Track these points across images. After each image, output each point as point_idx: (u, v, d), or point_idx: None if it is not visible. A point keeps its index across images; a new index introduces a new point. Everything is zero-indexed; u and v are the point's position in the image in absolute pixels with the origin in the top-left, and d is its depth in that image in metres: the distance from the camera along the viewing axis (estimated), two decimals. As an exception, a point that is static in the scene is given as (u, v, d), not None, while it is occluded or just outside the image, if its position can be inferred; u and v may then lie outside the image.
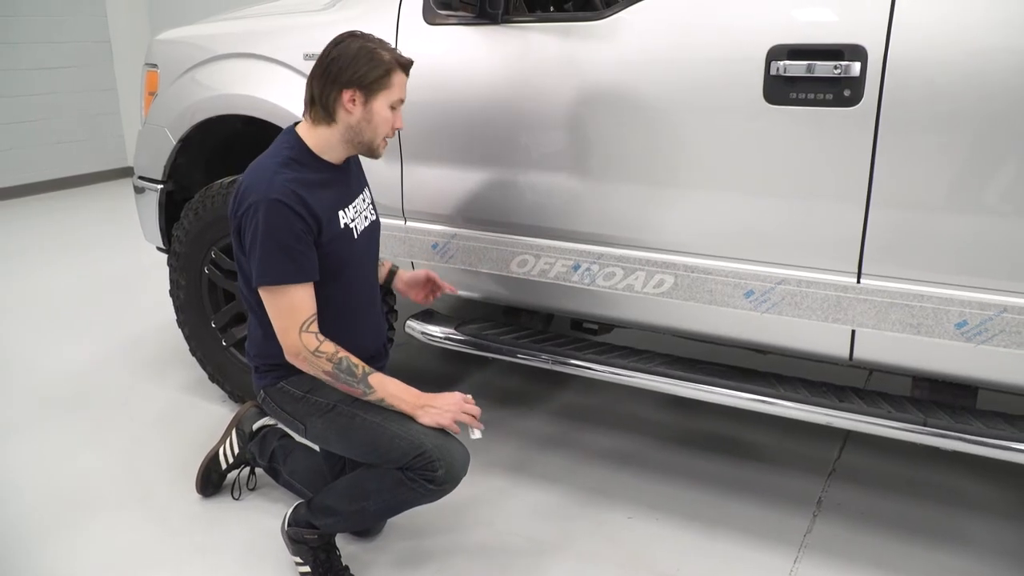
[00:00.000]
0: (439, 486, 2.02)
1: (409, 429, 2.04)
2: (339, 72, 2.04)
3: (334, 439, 2.13)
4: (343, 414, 2.09)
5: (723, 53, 2.07)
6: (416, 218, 2.66)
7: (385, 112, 2.09)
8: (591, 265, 2.38)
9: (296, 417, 2.16)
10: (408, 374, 3.53)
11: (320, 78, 2.06)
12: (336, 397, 2.10)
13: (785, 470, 2.77)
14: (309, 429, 2.15)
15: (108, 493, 2.65)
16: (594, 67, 2.25)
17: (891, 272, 1.99)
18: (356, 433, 2.07)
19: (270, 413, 2.25)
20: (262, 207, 1.94)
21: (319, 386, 2.11)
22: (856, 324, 2.06)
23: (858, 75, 1.90)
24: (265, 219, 1.94)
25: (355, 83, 2.04)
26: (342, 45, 2.06)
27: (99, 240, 5.77)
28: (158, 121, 3.17)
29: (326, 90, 2.05)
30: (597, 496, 2.63)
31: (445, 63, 2.47)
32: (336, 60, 2.04)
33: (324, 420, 2.11)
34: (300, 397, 2.13)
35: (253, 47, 2.86)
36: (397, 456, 2.01)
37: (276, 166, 2.02)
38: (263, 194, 1.95)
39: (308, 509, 2.21)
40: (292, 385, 2.14)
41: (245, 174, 2.05)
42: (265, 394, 2.21)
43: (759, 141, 2.06)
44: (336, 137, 2.11)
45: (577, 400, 3.30)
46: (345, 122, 2.08)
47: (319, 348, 2.02)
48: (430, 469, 1.99)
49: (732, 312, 2.21)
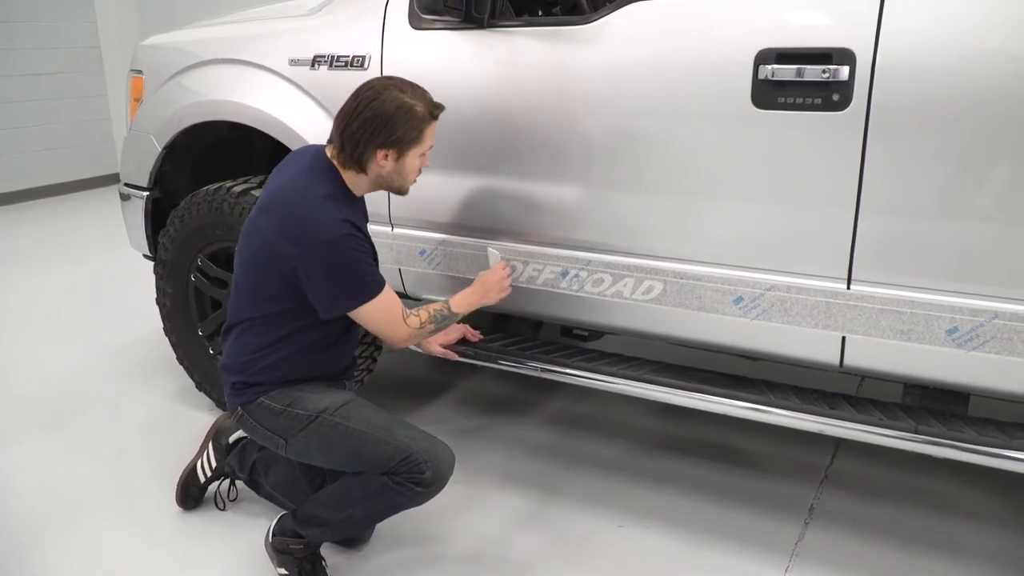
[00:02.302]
0: (427, 488, 2.03)
1: (393, 434, 2.05)
2: (375, 133, 2.05)
3: (317, 451, 2.11)
4: (325, 424, 2.07)
5: (711, 57, 2.05)
6: (403, 224, 2.63)
7: (416, 162, 2.16)
8: (579, 271, 2.35)
9: (276, 432, 2.13)
10: (398, 381, 3.55)
11: (354, 136, 2.06)
12: (317, 408, 2.09)
13: (777, 477, 2.75)
14: (290, 444, 2.12)
15: (93, 504, 2.61)
16: (581, 72, 2.23)
17: (881, 278, 1.97)
18: (340, 442, 2.06)
19: (247, 431, 2.23)
20: (338, 243, 1.99)
21: (299, 399, 2.10)
22: (846, 330, 2.04)
23: (846, 79, 1.89)
24: (344, 252, 2.00)
25: (391, 144, 2.08)
26: (378, 103, 2.04)
27: (88, 247, 5.73)
28: (143, 128, 3.14)
29: (360, 148, 2.08)
30: (587, 504, 2.60)
31: (431, 69, 2.44)
32: (372, 120, 2.05)
33: (306, 433, 2.09)
34: (280, 411, 2.11)
35: (238, 53, 2.83)
36: (383, 462, 2.01)
37: (324, 198, 2.04)
38: (336, 231, 1.99)
39: (294, 519, 2.18)
40: (272, 400, 2.12)
41: (289, 202, 2.05)
42: (243, 411, 2.18)
43: (747, 146, 2.04)
44: (365, 182, 2.17)
45: (568, 407, 3.27)
46: (376, 173, 2.14)
47: (422, 323, 2.19)
48: (417, 472, 2.00)
49: (721, 319, 2.19)
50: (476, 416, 3.22)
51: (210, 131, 3.04)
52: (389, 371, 3.50)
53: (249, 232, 2.14)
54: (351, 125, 2.07)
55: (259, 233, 2.08)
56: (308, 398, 2.11)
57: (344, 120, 2.08)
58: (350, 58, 2.57)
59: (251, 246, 2.12)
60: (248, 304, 2.15)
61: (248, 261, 2.13)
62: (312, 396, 2.13)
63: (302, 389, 2.14)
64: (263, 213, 2.09)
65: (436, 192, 2.53)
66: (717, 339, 2.24)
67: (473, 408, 3.29)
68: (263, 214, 2.09)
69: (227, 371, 2.20)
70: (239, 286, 2.18)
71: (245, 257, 2.15)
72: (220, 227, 2.86)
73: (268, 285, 2.09)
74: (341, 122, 2.09)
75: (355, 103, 2.08)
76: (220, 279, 2.93)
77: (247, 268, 2.14)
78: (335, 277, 2.03)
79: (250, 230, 2.13)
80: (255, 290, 2.12)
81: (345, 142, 2.08)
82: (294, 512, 2.20)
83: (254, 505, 2.54)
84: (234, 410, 2.20)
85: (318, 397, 2.13)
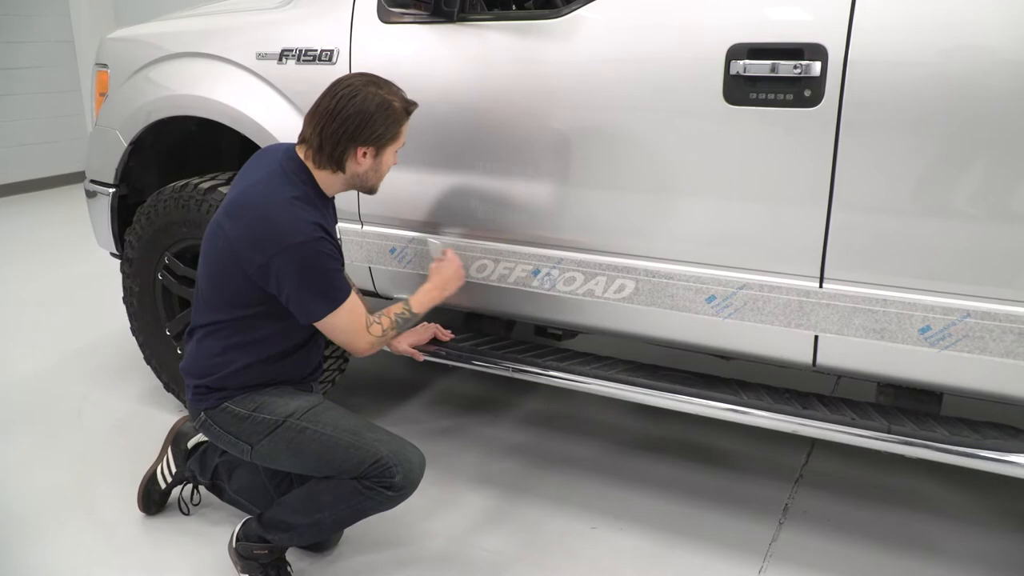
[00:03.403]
0: (397, 492, 1.99)
1: (362, 437, 2.01)
2: (357, 131, 2.01)
3: (284, 456, 2.07)
4: (292, 428, 2.03)
5: (682, 52, 2.02)
6: (373, 222, 2.59)
7: (392, 159, 2.14)
8: (551, 270, 2.32)
9: (241, 438, 2.08)
10: (371, 381, 3.50)
11: (334, 134, 2.02)
12: (284, 412, 2.05)
13: (752, 476, 2.73)
14: (256, 449, 2.07)
15: (55, 508, 2.55)
16: (552, 67, 2.19)
17: (854, 276, 1.95)
18: (307, 447, 2.02)
19: (210, 437, 2.16)
20: (308, 247, 1.94)
21: (265, 403, 2.06)
22: (819, 329, 2.01)
23: (818, 75, 1.86)
24: (314, 256, 1.96)
25: (371, 142, 2.04)
26: (358, 100, 2.00)
27: (60, 245, 5.63)
28: (109, 123, 3.07)
29: (340, 147, 2.03)
30: (561, 505, 2.57)
31: (400, 63, 2.40)
32: (353, 118, 2.00)
33: (272, 438, 2.04)
34: (246, 416, 2.06)
35: (205, 46, 2.78)
36: (352, 466, 1.98)
37: (293, 201, 1.98)
38: (305, 235, 1.94)
39: (259, 524, 2.14)
40: (237, 405, 2.07)
41: (256, 207, 1.98)
42: (206, 417, 2.12)
43: (720, 143, 2.01)
44: (339, 182, 2.12)
45: (543, 407, 3.24)
46: (353, 172, 2.09)
47: (384, 330, 2.14)
48: (387, 476, 1.96)
49: (694, 318, 2.16)
50: (450, 416, 3.18)
51: (178, 127, 2.99)
52: (362, 371, 3.46)
53: (213, 235, 2.07)
54: (331, 123, 2.01)
55: (224, 237, 2.02)
56: (274, 402, 2.06)
57: (322, 118, 2.03)
58: (318, 52, 2.52)
59: (215, 250, 2.06)
60: (212, 307, 2.09)
61: (212, 264, 2.08)
62: (278, 400, 2.08)
63: (268, 393, 2.09)
64: (228, 217, 2.03)
65: (406, 189, 2.48)
66: (690, 338, 2.21)
67: (447, 408, 3.25)
68: (228, 218, 2.03)
69: (189, 374, 2.14)
70: (202, 289, 2.12)
71: (209, 260, 2.09)
72: (187, 224, 2.80)
73: (233, 289, 2.04)
74: (318, 120, 2.03)
75: (333, 101, 2.02)
76: (187, 277, 2.87)
77: (211, 272, 2.08)
78: (305, 282, 1.98)
79: (214, 233, 2.07)
80: (219, 293, 2.07)
81: (324, 141, 2.03)
82: (259, 516, 2.16)
83: (218, 511, 2.49)
84: (196, 415, 2.14)
85: (285, 401, 2.08)
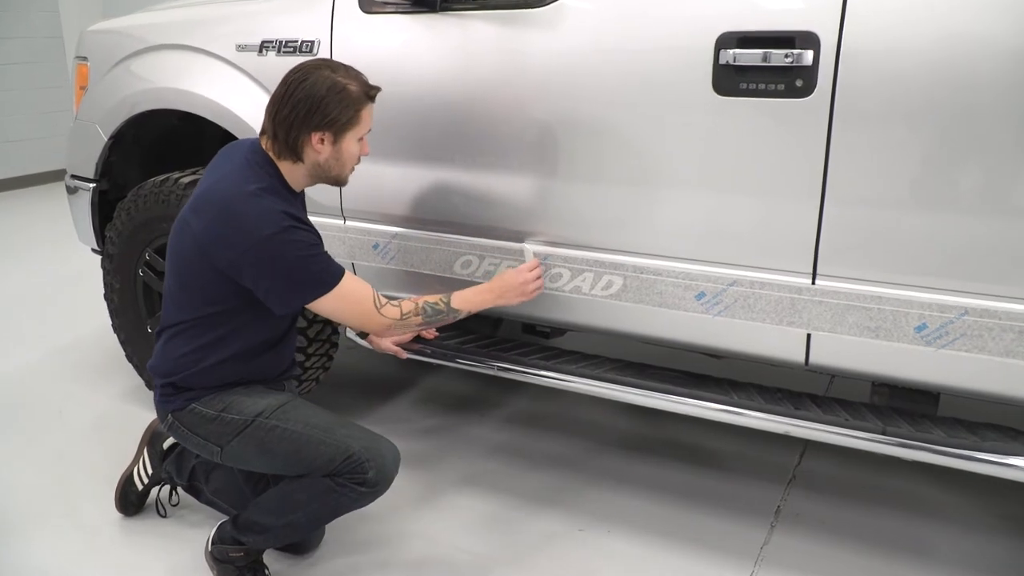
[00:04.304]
0: (371, 488, 1.95)
1: (334, 434, 1.97)
2: (308, 115, 1.94)
3: (254, 456, 2.01)
4: (261, 427, 1.97)
5: (670, 41, 1.96)
6: (356, 217, 2.52)
7: (354, 148, 2.05)
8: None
9: (210, 440, 2.02)
10: (357, 378, 3.44)
11: (286, 120, 1.96)
12: (253, 411, 1.99)
13: (743, 478, 2.67)
14: (226, 451, 2.02)
15: (33, 508, 2.50)
16: (536, 58, 2.13)
17: (848, 273, 1.89)
18: (278, 446, 1.97)
19: (179, 439, 2.11)
20: (279, 236, 1.88)
21: (233, 403, 2.00)
22: (811, 327, 1.95)
23: (810, 64, 1.80)
24: (287, 244, 1.89)
25: (325, 126, 1.96)
26: (308, 84, 1.94)
27: (45, 241, 5.55)
28: (88, 117, 3.01)
29: (292, 133, 1.97)
30: (548, 507, 2.51)
31: (382, 54, 2.34)
32: (304, 102, 1.94)
33: (242, 438, 1.99)
34: (214, 417, 2.01)
35: (185, 38, 2.71)
36: (324, 463, 1.93)
37: (259, 192, 1.92)
38: (275, 224, 1.88)
39: (234, 527, 2.09)
40: (204, 406, 2.01)
41: (221, 201, 1.92)
42: (173, 419, 2.06)
43: (709, 134, 1.95)
44: (302, 173, 2.05)
45: (531, 406, 3.18)
46: (313, 160, 2.02)
47: (403, 313, 2.05)
48: (360, 472, 1.92)
49: (683, 315, 2.09)
50: (436, 415, 3.12)
51: (159, 121, 2.93)
52: (348, 368, 3.40)
53: (179, 232, 2.01)
54: (282, 110, 1.96)
55: (190, 234, 1.95)
56: (243, 402, 2.01)
57: (275, 106, 1.98)
58: (298, 43, 2.46)
59: (182, 247, 1.99)
60: (180, 306, 2.03)
61: (179, 262, 2.02)
62: (247, 400, 2.02)
63: (236, 393, 2.03)
64: (194, 213, 1.97)
65: (389, 183, 2.43)
66: (679, 336, 2.15)
67: (433, 407, 3.18)
68: (194, 214, 1.97)
69: (157, 373, 2.08)
70: (170, 288, 2.06)
71: (176, 258, 2.03)
72: (167, 220, 2.72)
73: (201, 285, 1.98)
74: (272, 108, 1.98)
75: (284, 87, 1.97)
76: (168, 274, 2.81)
77: (178, 270, 2.02)
78: (282, 272, 1.92)
79: (180, 229, 2.00)
80: (187, 291, 2.01)
81: (277, 129, 1.97)
82: (234, 519, 2.10)
83: (197, 513, 2.42)
84: (164, 417, 2.08)
85: (254, 401, 2.02)
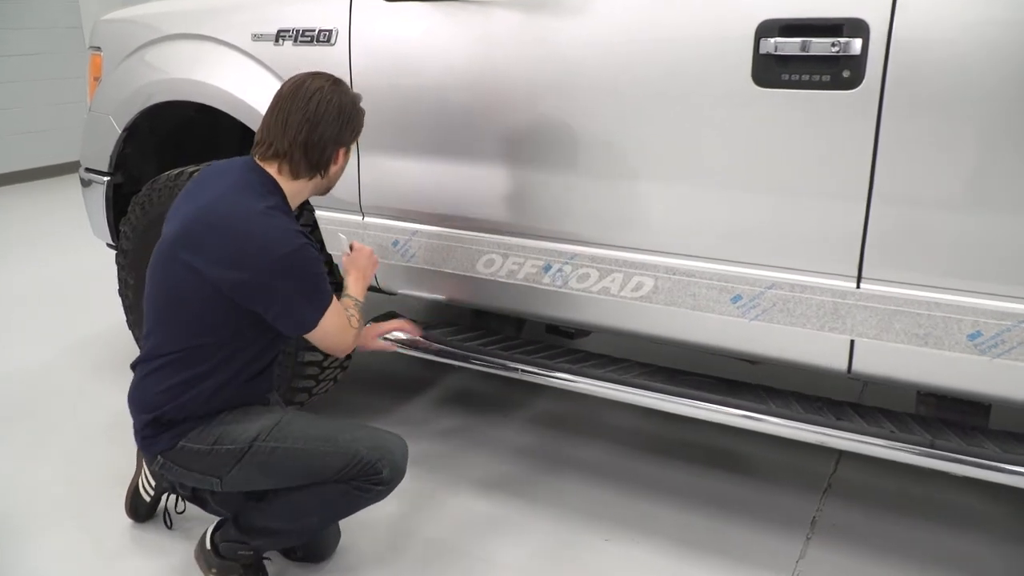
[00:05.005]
0: (387, 485, 1.95)
1: (336, 441, 1.92)
2: (340, 132, 1.95)
3: (259, 479, 1.94)
4: (261, 451, 1.91)
5: (707, 29, 1.85)
6: (375, 213, 2.44)
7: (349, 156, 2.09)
8: (563, 266, 2.16)
9: (208, 473, 1.94)
10: (375, 376, 3.36)
11: (320, 140, 1.93)
12: (248, 437, 1.91)
13: (776, 485, 2.56)
14: (226, 481, 1.93)
15: (43, 510, 2.44)
16: (566, 47, 2.03)
17: (895, 276, 1.78)
18: (282, 465, 1.91)
19: (174, 478, 2.00)
20: (297, 254, 1.85)
21: (225, 433, 1.92)
22: (855, 334, 1.85)
23: (859, 53, 1.69)
24: (305, 263, 1.87)
25: (350, 140, 2.00)
26: (336, 99, 1.93)
27: (61, 234, 5.48)
28: (102, 108, 2.94)
29: (327, 151, 1.95)
30: (571, 514, 2.41)
31: (404, 43, 2.26)
32: (337, 119, 1.93)
33: (241, 466, 1.91)
34: (207, 451, 1.92)
35: (200, 27, 2.63)
36: (334, 472, 1.90)
37: (269, 211, 1.87)
38: (291, 243, 1.84)
39: (237, 529, 2.03)
40: (194, 442, 1.92)
41: (226, 223, 1.84)
42: (164, 459, 1.95)
43: (747, 128, 1.85)
44: (309, 188, 2.03)
45: (555, 407, 3.08)
46: (328, 175, 2.02)
47: (359, 319, 2.08)
48: (374, 472, 1.91)
49: (718, 319, 1.99)
50: (456, 416, 3.03)
51: (175, 112, 2.86)
52: (365, 366, 3.31)
53: (165, 264, 1.91)
54: (315, 130, 1.91)
55: (182, 261, 1.86)
56: (234, 430, 1.92)
57: (301, 127, 1.91)
58: (316, 33, 2.37)
59: (171, 279, 1.89)
60: (162, 340, 1.93)
61: (167, 291, 1.91)
62: (238, 426, 1.93)
63: (223, 422, 1.94)
64: (190, 237, 1.86)
65: (409, 178, 2.34)
66: (713, 341, 2.05)
67: (453, 407, 3.10)
68: (190, 238, 1.86)
69: (137, 408, 1.97)
70: (153, 321, 1.96)
71: (162, 287, 1.93)
72: (181, 215, 2.66)
73: (190, 319, 1.88)
74: (297, 130, 1.91)
75: (311, 105, 1.91)
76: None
77: (167, 299, 1.92)
78: (298, 292, 1.87)
79: (168, 258, 1.90)
80: (174, 325, 1.91)
81: (309, 149, 1.92)
82: (235, 521, 2.04)
83: (206, 522, 2.33)
84: (152, 460, 1.98)
85: (244, 427, 1.93)
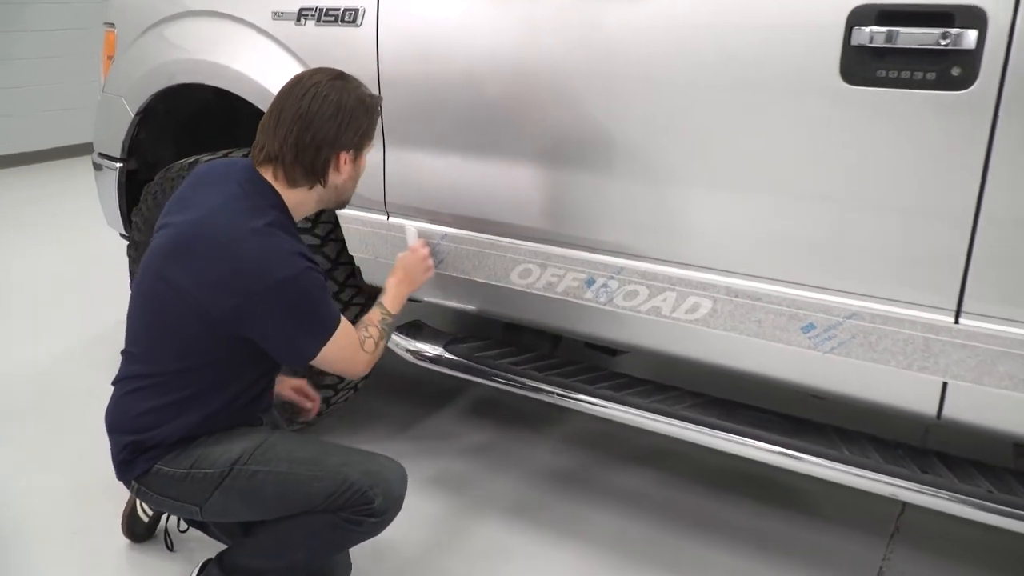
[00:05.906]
0: (380, 516, 1.75)
1: (324, 465, 1.73)
2: (338, 134, 1.76)
3: (240, 507, 1.77)
4: (241, 475, 1.72)
5: (788, 17, 1.61)
6: (400, 213, 2.24)
7: (365, 163, 1.89)
8: (609, 281, 1.93)
9: (184, 500, 1.77)
10: (399, 385, 3.16)
11: (312, 142, 1.75)
12: (228, 460, 1.73)
13: (838, 527, 2.32)
14: (206, 509, 1.76)
15: (41, 521, 2.31)
16: (618, 34, 1.80)
17: (1003, 312, 1.53)
18: (264, 490, 1.73)
19: (151, 504, 1.87)
20: (296, 280, 1.68)
21: (202, 456, 1.74)
22: (949, 376, 1.59)
23: (973, 47, 1.43)
24: (304, 290, 1.70)
25: (354, 144, 1.80)
26: (334, 97, 1.74)
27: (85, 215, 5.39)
28: (115, 89, 2.77)
29: (322, 155, 1.76)
30: (608, 552, 2.20)
31: (438, 25, 2.04)
32: (334, 118, 1.75)
33: (221, 492, 1.73)
34: (183, 476, 1.74)
35: (215, 3, 2.44)
36: (321, 500, 1.71)
37: (266, 230, 1.69)
38: (291, 268, 1.68)
39: (220, 569, 1.86)
40: (169, 465, 1.75)
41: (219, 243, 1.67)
42: (139, 485, 1.79)
43: (831, 132, 1.61)
44: (313, 200, 1.86)
45: (593, 426, 2.84)
46: (332, 183, 1.83)
47: (377, 341, 1.92)
48: (366, 502, 1.71)
49: (785, 349, 1.75)
50: (486, 430, 2.82)
51: (193, 95, 2.67)
52: (389, 373, 3.09)
53: (153, 279, 1.74)
54: (307, 130, 1.72)
55: (170, 281, 1.69)
56: (212, 453, 1.74)
57: (293, 125, 1.73)
58: (341, 11, 2.17)
59: (156, 295, 1.73)
60: (143, 359, 1.77)
61: (152, 312, 1.75)
62: (216, 449, 1.75)
63: (202, 445, 1.76)
64: (177, 255, 1.69)
65: (439, 176, 2.14)
66: (778, 373, 1.81)
67: (483, 421, 2.88)
68: (177, 256, 1.69)
69: (115, 429, 1.81)
70: (137, 339, 1.80)
71: (148, 308, 1.76)
72: (194, 207, 2.47)
73: (183, 338, 1.71)
74: (289, 129, 1.73)
75: (304, 102, 1.73)
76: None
77: (152, 320, 1.76)
78: (294, 322, 1.71)
79: (154, 276, 1.73)
80: (159, 344, 1.75)
81: (301, 152, 1.73)
82: (219, 560, 1.88)
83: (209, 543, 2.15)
84: (129, 485, 1.82)
85: (224, 448, 1.75)
